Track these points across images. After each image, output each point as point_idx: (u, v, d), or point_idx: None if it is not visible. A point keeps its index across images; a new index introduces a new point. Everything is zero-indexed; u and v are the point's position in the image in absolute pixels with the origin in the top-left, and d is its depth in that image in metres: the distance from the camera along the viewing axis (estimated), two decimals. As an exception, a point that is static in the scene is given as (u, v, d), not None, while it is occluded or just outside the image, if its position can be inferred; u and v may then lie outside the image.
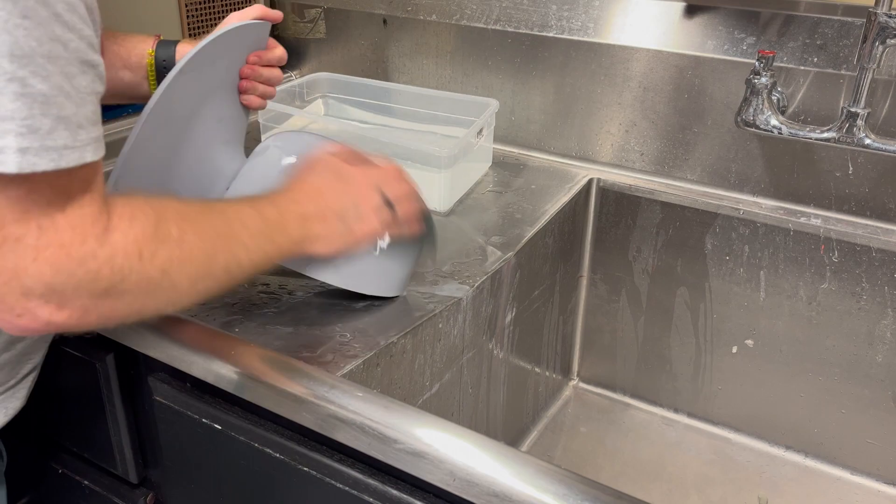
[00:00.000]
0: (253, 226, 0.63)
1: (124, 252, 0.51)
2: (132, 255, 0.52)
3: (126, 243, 0.52)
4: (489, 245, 0.93)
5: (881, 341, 0.99)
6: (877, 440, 1.03)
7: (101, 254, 0.50)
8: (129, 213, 0.53)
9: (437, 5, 1.20)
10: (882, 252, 0.96)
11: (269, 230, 0.64)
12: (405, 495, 0.62)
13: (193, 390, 0.72)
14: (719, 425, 1.13)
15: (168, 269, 0.54)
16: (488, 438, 0.59)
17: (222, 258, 0.59)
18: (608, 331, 1.17)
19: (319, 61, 1.35)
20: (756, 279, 1.04)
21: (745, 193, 1.05)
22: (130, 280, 0.52)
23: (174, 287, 0.56)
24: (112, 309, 0.53)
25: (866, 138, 0.89)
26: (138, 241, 0.52)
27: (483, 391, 0.94)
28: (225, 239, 0.60)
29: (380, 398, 0.62)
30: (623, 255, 1.12)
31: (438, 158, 0.97)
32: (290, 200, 0.67)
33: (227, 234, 0.60)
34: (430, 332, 0.79)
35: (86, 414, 0.82)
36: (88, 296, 0.51)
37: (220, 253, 0.59)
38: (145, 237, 0.53)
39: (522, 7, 1.14)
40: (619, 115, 1.10)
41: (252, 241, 0.62)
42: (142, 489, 0.85)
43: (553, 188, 1.07)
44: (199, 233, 0.57)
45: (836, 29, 0.95)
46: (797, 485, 1.04)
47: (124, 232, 0.52)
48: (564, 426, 1.14)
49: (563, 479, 0.55)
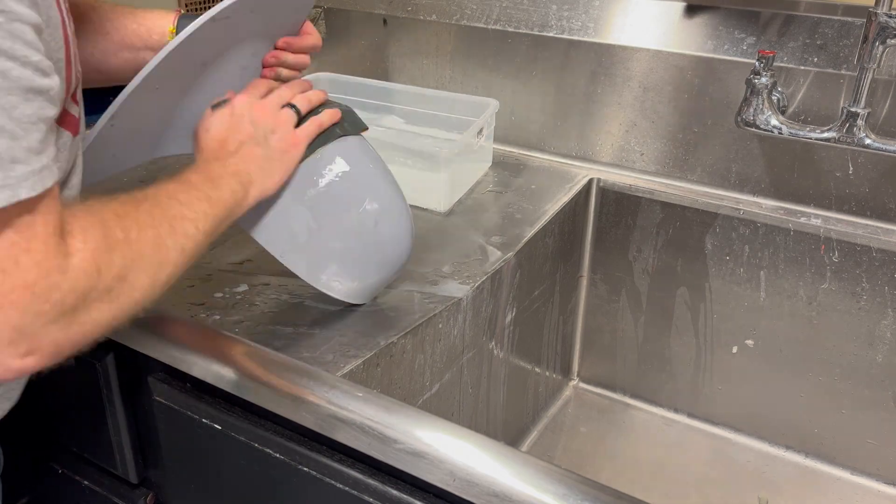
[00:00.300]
0: (185, 197, 0.62)
1: (84, 272, 0.50)
2: (91, 272, 0.50)
3: (84, 262, 0.50)
4: (489, 245, 0.93)
5: (881, 341, 0.99)
6: (877, 440, 1.03)
7: (65, 283, 0.48)
8: (81, 228, 0.51)
9: (437, 5, 1.20)
10: (882, 252, 0.96)
11: (202, 192, 0.63)
12: (405, 495, 0.62)
13: (193, 390, 0.72)
14: (719, 425, 1.13)
15: (124, 274, 0.53)
16: (488, 438, 0.59)
17: (170, 241, 0.58)
18: (608, 331, 1.17)
19: (319, 61, 1.35)
20: (756, 279, 1.04)
21: (746, 193, 1.05)
22: (92, 297, 0.50)
23: (135, 288, 0.54)
24: (81, 333, 0.51)
25: (866, 138, 0.89)
26: (94, 256, 0.50)
27: (483, 391, 0.94)
28: (166, 221, 0.59)
29: (380, 398, 0.62)
30: (623, 255, 1.12)
31: (438, 158, 0.97)
32: (204, 159, 0.67)
33: (166, 216, 0.59)
34: (430, 332, 0.79)
35: (86, 414, 0.82)
36: (58, 329, 0.49)
37: (167, 237, 0.58)
38: (99, 250, 0.51)
39: (522, 7, 1.14)
40: (619, 115, 1.10)
41: (191, 211, 0.61)
42: (142, 489, 0.85)
43: (553, 188, 1.07)
44: (140, 227, 0.56)
45: (836, 29, 0.95)
46: (797, 485, 1.04)
47: (81, 251, 0.50)
48: (564, 426, 1.14)
49: (563, 479, 0.55)
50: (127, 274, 0.53)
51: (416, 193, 1.01)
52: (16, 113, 0.46)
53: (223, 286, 0.82)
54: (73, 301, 0.49)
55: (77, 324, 0.50)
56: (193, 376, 0.70)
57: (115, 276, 0.52)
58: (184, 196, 0.62)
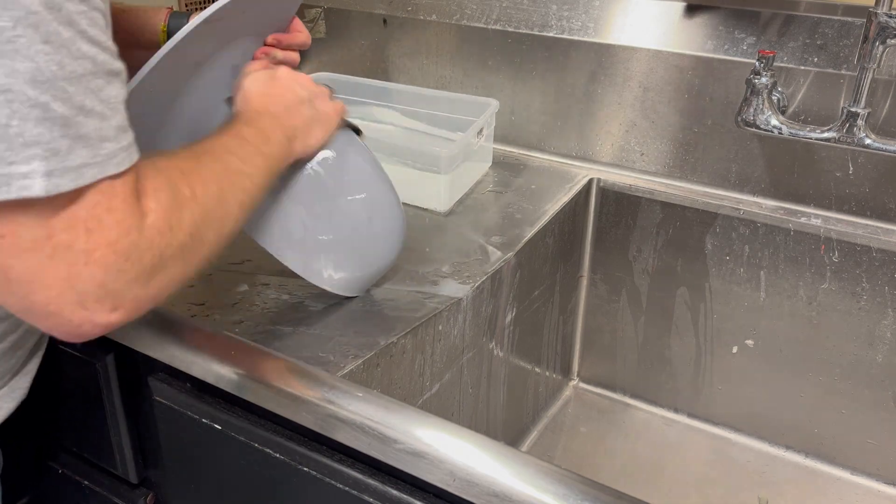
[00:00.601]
0: (241, 151, 0.63)
1: (158, 230, 0.52)
2: (164, 230, 0.52)
3: (158, 221, 0.52)
4: (489, 245, 0.93)
5: (881, 341, 0.99)
6: (877, 440, 1.03)
7: (142, 241, 0.51)
8: (153, 189, 0.52)
9: (437, 5, 1.20)
10: (882, 252, 0.96)
11: (255, 147, 0.64)
12: (405, 495, 0.62)
13: (193, 390, 0.72)
14: (719, 425, 1.13)
15: (194, 230, 0.55)
16: (488, 438, 0.59)
17: (231, 196, 0.60)
18: (608, 331, 1.17)
19: (319, 61, 1.35)
20: (756, 279, 1.04)
21: (746, 193, 1.05)
22: (167, 255, 0.53)
23: (204, 243, 0.56)
24: (158, 289, 0.53)
25: (866, 138, 0.89)
26: (166, 214, 0.52)
27: (483, 391, 0.94)
28: (227, 176, 0.60)
29: (380, 398, 0.62)
30: (623, 255, 1.12)
31: (438, 159, 0.97)
32: (255, 112, 0.68)
33: (226, 170, 0.61)
34: (430, 332, 0.79)
35: (86, 414, 0.82)
36: (138, 286, 0.51)
37: (228, 192, 0.60)
38: (170, 208, 0.53)
39: (522, 7, 1.14)
40: (619, 115, 1.10)
41: (247, 165, 0.63)
42: (142, 489, 0.85)
43: (553, 188, 1.07)
44: (203, 182, 0.57)
45: (836, 29, 0.95)
46: (797, 485, 1.04)
47: (154, 210, 0.52)
48: (564, 426, 1.14)
49: (563, 479, 0.55)
50: (196, 230, 0.55)
51: (416, 193, 1.01)
52: (103, 94, 0.49)
53: (223, 286, 0.82)
54: (150, 259, 0.51)
55: (155, 280, 0.52)
56: (193, 376, 0.70)
57: (186, 233, 0.54)
58: (240, 151, 0.63)
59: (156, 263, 0.52)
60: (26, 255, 0.48)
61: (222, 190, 0.59)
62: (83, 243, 0.48)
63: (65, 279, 0.48)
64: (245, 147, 0.64)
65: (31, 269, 0.48)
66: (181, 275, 0.55)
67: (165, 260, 0.53)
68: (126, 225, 0.50)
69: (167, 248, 0.53)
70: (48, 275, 0.48)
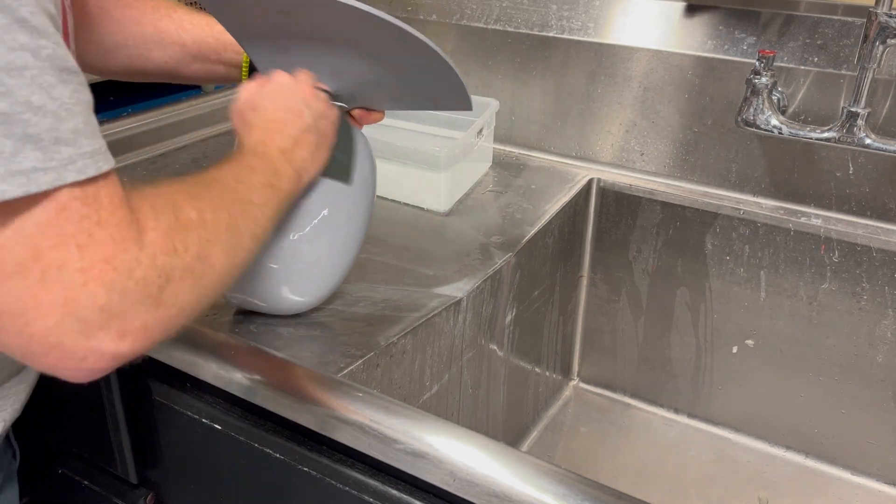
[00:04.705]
0: (251, 182, 0.61)
1: (162, 249, 0.48)
2: (169, 250, 0.48)
3: (161, 239, 0.48)
4: (489, 245, 0.93)
5: (881, 341, 0.99)
6: (877, 440, 1.03)
7: (144, 258, 0.47)
8: (151, 207, 0.49)
9: (437, 5, 1.20)
10: (882, 252, 0.96)
11: (265, 178, 0.62)
12: (405, 495, 0.62)
13: (193, 390, 0.72)
14: (719, 425, 1.13)
15: (203, 253, 0.51)
16: (488, 438, 0.59)
17: (243, 225, 0.57)
18: (608, 331, 1.17)
19: (319, 61, 1.35)
20: (756, 279, 1.04)
21: (746, 193, 1.05)
22: (175, 277, 0.49)
23: (213, 270, 0.53)
24: (168, 316, 0.49)
25: (867, 138, 0.89)
26: (169, 234, 0.49)
27: (483, 391, 0.94)
28: (238, 205, 0.58)
29: (380, 398, 0.62)
30: (623, 255, 1.12)
31: (438, 159, 0.97)
32: (262, 143, 0.65)
33: (236, 199, 0.58)
34: (430, 332, 0.79)
35: (86, 414, 0.82)
36: (145, 310, 0.47)
37: (240, 220, 0.57)
38: (172, 228, 0.49)
39: (522, 7, 1.14)
40: (619, 115, 1.10)
41: (258, 196, 0.60)
42: (142, 489, 0.85)
43: (553, 188, 1.07)
44: (214, 209, 0.54)
45: (836, 29, 0.95)
46: (797, 485, 1.04)
47: (155, 228, 0.48)
48: (564, 426, 1.14)
49: (563, 479, 0.55)
50: (206, 254, 0.52)
51: (416, 193, 1.01)
52: (55, 92, 0.44)
53: (223, 286, 0.82)
54: (155, 278, 0.47)
55: (163, 305, 0.48)
56: (193, 376, 0.70)
57: (194, 256, 0.51)
58: (249, 181, 0.61)
59: (163, 286, 0.48)
60: (13, 279, 0.43)
61: (233, 217, 0.56)
62: (76, 261, 0.44)
63: (62, 304, 0.44)
64: (254, 177, 0.61)
65: (21, 295, 0.43)
66: (193, 301, 0.51)
67: (174, 283, 0.49)
68: (121, 239, 0.46)
69: (174, 269, 0.49)
70: (42, 301, 0.43)
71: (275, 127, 0.67)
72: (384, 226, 0.96)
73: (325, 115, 0.70)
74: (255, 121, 0.67)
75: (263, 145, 0.65)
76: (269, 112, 0.68)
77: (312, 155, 0.68)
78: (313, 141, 0.68)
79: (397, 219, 0.99)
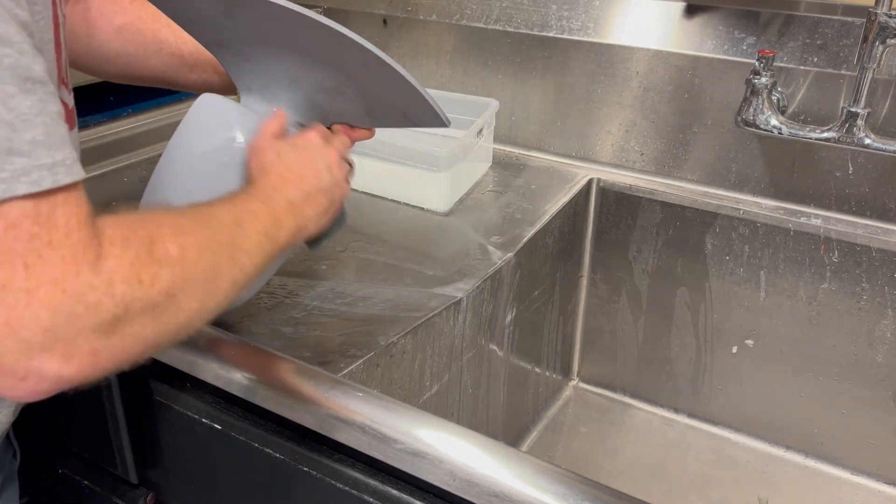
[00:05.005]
0: (250, 227, 0.59)
1: (122, 278, 0.46)
2: (131, 280, 0.46)
3: (122, 269, 0.46)
4: (489, 245, 0.93)
5: (881, 341, 0.99)
6: (877, 440, 1.03)
7: (99, 283, 0.45)
8: (122, 236, 0.47)
9: (437, 5, 1.20)
10: (882, 252, 0.96)
11: (264, 227, 0.60)
12: (405, 495, 0.62)
13: (193, 390, 0.72)
14: (719, 425, 1.13)
15: (173, 292, 0.49)
16: (488, 438, 0.59)
17: (227, 271, 0.55)
18: (608, 331, 1.17)
19: (319, 61, 1.35)
20: (756, 279, 1.04)
21: (746, 193, 1.05)
22: (134, 309, 0.47)
23: (181, 310, 0.50)
24: (123, 346, 0.47)
25: (866, 138, 0.89)
26: (135, 265, 0.47)
27: (483, 391, 0.94)
28: (227, 249, 0.55)
29: (380, 398, 0.62)
30: (623, 255, 1.12)
31: (438, 158, 0.97)
32: (273, 190, 0.64)
33: (229, 242, 0.56)
34: (430, 332, 0.79)
35: (86, 414, 0.82)
36: (95, 336, 0.45)
37: (224, 266, 0.55)
38: (141, 260, 0.47)
39: (522, 7, 1.14)
40: (619, 115, 1.10)
41: (251, 244, 0.59)
42: (142, 489, 0.85)
43: (553, 188, 1.07)
44: (200, 248, 0.52)
45: (836, 29, 0.95)
46: (797, 485, 1.04)
47: (118, 257, 0.46)
48: (564, 426, 1.14)
49: (563, 479, 0.55)
50: (175, 293, 0.50)
51: (415, 193, 1.01)
52: (13, 103, 0.42)
53: (223, 286, 0.82)
54: (110, 306, 0.45)
55: (118, 335, 0.46)
56: (193, 376, 0.70)
57: (161, 291, 0.48)
58: (248, 226, 0.59)
59: (119, 315, 0.46)
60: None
61: (217, 261, 0.54)
62: (22, 281, 0.42)
63: (4, 324, 0.42)
64: (254, 223, 0.60)
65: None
66: (152, 337, 0.49)
67: (132, 315, 0.47)
68: (74, 262, 0.44)
69: (134, 301, 0.46)
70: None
71: (291, 178, 0.65)
72: (384, 226, 0.97)
73: (340, 185, 0.70)
74: (273, 167, 0.66)
75: (274, 191, 0.64)
76: (289, 162, 0.66)
77: (318, 216, 0.67)
78: (324, 203, 0.67)
79: (397, 219, 0.99)
